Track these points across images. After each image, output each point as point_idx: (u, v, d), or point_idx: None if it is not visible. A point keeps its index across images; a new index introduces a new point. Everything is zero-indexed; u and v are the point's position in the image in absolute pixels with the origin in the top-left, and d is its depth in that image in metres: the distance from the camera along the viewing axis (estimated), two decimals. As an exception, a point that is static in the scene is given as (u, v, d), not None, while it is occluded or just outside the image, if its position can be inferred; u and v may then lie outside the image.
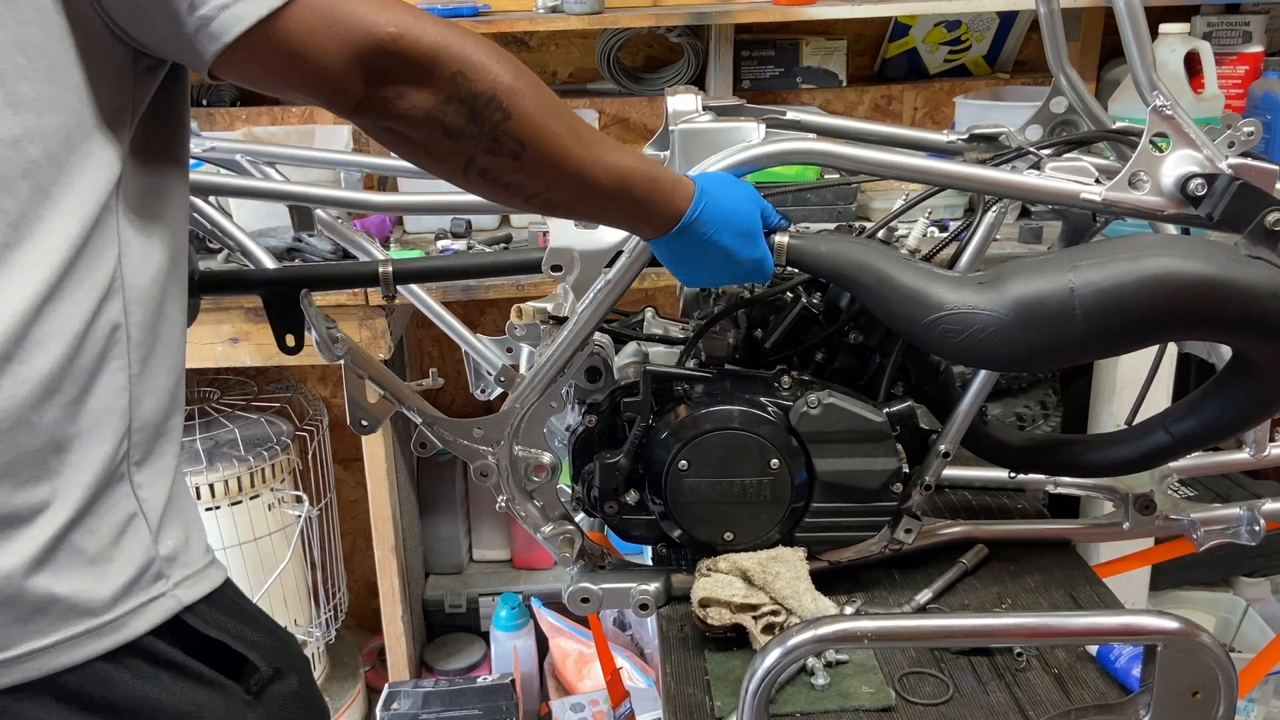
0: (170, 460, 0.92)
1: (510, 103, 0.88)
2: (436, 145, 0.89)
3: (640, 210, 1.03)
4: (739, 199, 1.09)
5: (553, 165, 0.93)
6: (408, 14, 0.84)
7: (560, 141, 0.93)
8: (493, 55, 0.87)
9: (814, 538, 1.27)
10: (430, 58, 0.84)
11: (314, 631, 2.42)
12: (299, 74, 0.83)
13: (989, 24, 2.66)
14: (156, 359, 0.89)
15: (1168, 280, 1.03)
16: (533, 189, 0.96)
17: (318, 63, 0.82)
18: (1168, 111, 1.09)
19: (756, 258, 1.11)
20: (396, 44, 0.82)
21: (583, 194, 0.98)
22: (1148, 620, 0.97)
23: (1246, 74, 2.41)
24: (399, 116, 0.86)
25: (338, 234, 1.54)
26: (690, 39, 2.54)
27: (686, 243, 1.06)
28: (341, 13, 0.81)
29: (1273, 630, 2.40)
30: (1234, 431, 1.26)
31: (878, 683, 1.14)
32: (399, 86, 0.85)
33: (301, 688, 0.98)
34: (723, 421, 1.22)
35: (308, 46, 0.81)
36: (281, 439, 2.30)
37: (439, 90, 0.85)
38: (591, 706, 2.31)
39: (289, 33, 0.80)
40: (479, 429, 1.25)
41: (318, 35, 0.81)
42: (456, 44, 0.85)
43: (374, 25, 0.82)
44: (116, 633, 0.84)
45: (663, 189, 1.03)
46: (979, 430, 1.33)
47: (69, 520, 0.82)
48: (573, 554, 1.29)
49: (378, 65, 0.83)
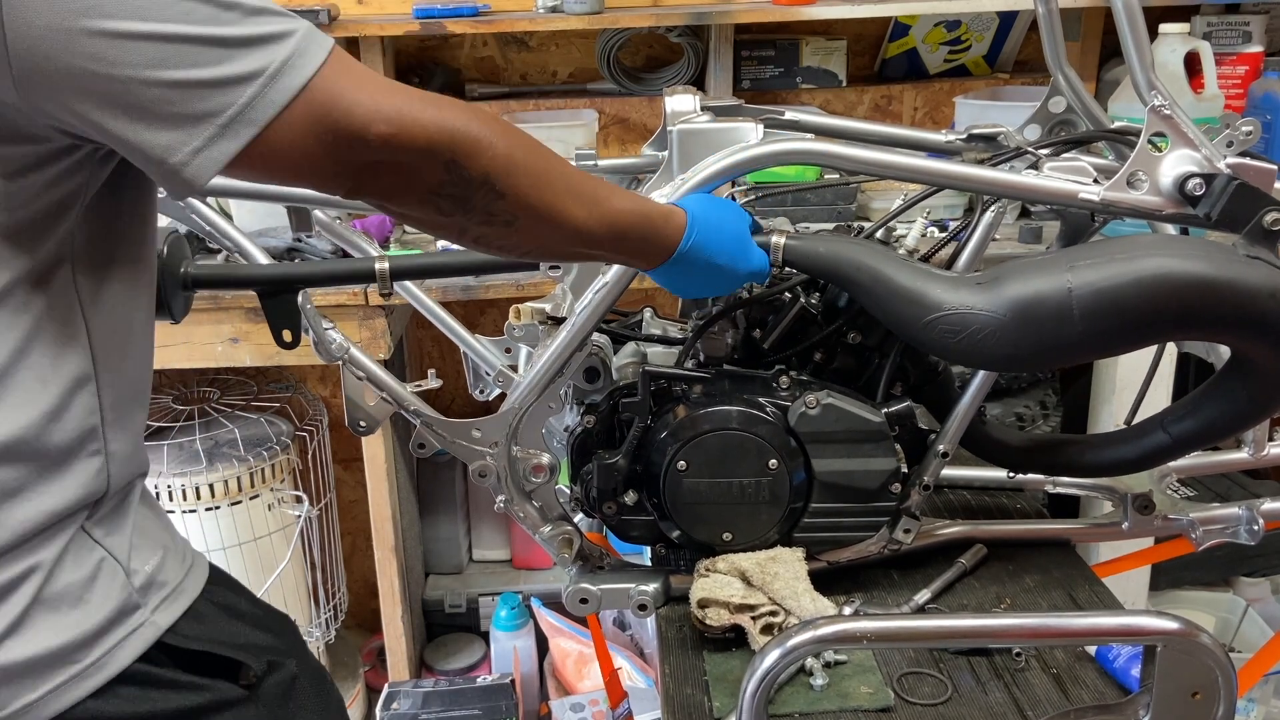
0: (135, 494, 0.92)
1: (504, 183, 0.87)
2: (432, 222, 0.89)
3: (636, 250, 1.04)
4: (726, 217, 1.10)
5: (547, 227, 0.93)
6: (398, 105, 0.80)
7: (554, 205, 0.92)
8: (485, 132, 0.85)
9: (812, 538, 1.27)
10: (425, 150, 0.82)
11: (314, 631, 2.42)
12: (288, 177, 0.82)
13: (989, 24, 2.65)
14: (126, 428, 0.89)
15: (1166, 280, 1.03)
16: (528, 247, 0.97)
17: (307, 168, 0.80)
18: (1166, 111, 1.09)
19: (751, 268, 1.12)
20: (389, 143, 0.80)
21: (579, 247, 0.99)
22: (1147, 621, 0.97)
23: (1246, 74, 2.41)
24: (394, 201, 0.86)
25: (336, 235, 1.54)
26: (690, 39, 2.53)
27: (683, 268, 1.08)
28: (329, 118, 0.78)
29: (1273, 630, 2.40)
30: (1233, 431, 1.26)
31: (876, 683, 1.14)
32: (392, 179, 0.83)
33: (301, 670, 0.99)
34: (721, 422, 1.22)
35: (294, 157, 0.79)
36: (281, 439, 2.30)
37: (433, 178, 0.84)
38: (591, 706, 2.31)
39: (271, 150, 0.78)
40: (477, 430, 1.25)
41: (304, 144, 0.78)
42: (449, 130, 0.83)
43: (365, 127, 0.79)
44: (100, 672, 0.85)
45: (656, 226, 1.04)
46: (978, 430, 1.33)
47: (39, 587, 0.83)
48: (571, 554, 1.29)
49: (371, 162, 0.81)
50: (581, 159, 1.39)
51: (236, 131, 0.76)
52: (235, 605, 0.99)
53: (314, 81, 0.77)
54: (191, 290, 1.22)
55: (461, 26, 2.33)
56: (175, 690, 0.89)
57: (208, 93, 0.75)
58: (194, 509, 2.19)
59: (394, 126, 0.79)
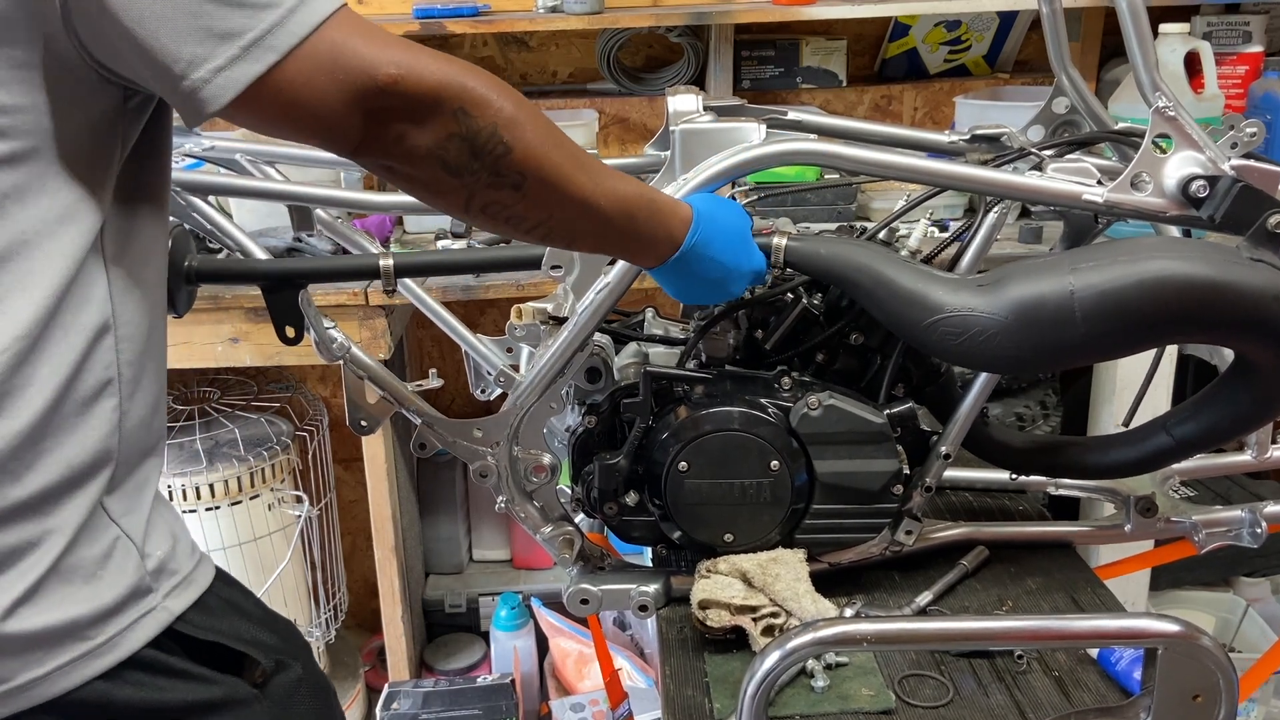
0: (152, 478, 0.92)
1: (511, 135, 0.87)
2: (438, 182, 0.88)
3: (644, 235, 1.03)
4: (730, 215, 1.10)
5: (555, 194, 0.93)
6: (408, 52, 0.82)
7: (562, 170, 0.92)
8: (493, 88, 0.86)
9: (814, 539, 1.27)
10: (432, 96, 0.83)
11: (314, 631, 2.42)
12: (298, 122, 0.82)
13: (989, 24, 2.65)
14: (142, 393, 0.89)
15: (1168, 283, 1.03)
16: (535, 219, 0.95)
17: (318, 110, 0.80)
18: (1170, 113, 1.08)
19: (754, 267, 1.12)
20: (398, 85, 0.81)
21: (585, 221, 0.98)
22: (1149, 623, 0.97)
23: (1246, 74, 2.41)
24: (400, 156, 0.85)
25: (337, 234, 1.53)
26: (690, 39, 2.53)
27: (688, 265, 1.07)
28: (341, 57, 0.80)
29: (1273, 630, 2.40)
30: (1236, 434, 1.26)
31: (878, 685, 1.14)
32: (401, 126, 0.83)
33: (306, 674, 0.99)
34: (723, 423, 1.22)
35: (306, 96, 0.80)
36: (281, 439, 2.29)
37: (441, 128, 0.84)
38: (591, 706, 2.31)
39: (288, 84, 0.79)
40: (478, 430, 1.24)
41: (317, 83, 0.79)
42: (458, 80, 0.84)
43: (374, 68, 0.80)
44: (111, 652, 0.85)
45: (664, 213, 1.04)
46: (980, 432, 1.33)
47: (56, 557, 0.82)
48: (572, 555, 1.29)
49: (379, 107, 0.82)
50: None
51: (258, 56, 0.77)
52: (241, 604, 0.99)
53: (331, 20, 0.79)
54: (195, 284, 1.22)
55: (461, 26, 2.33)
56: (185, 681, 0.89)
57: (234, 12, 0.77)
58: (194, 509, 2.19)
59: (402, 69, 0.81)
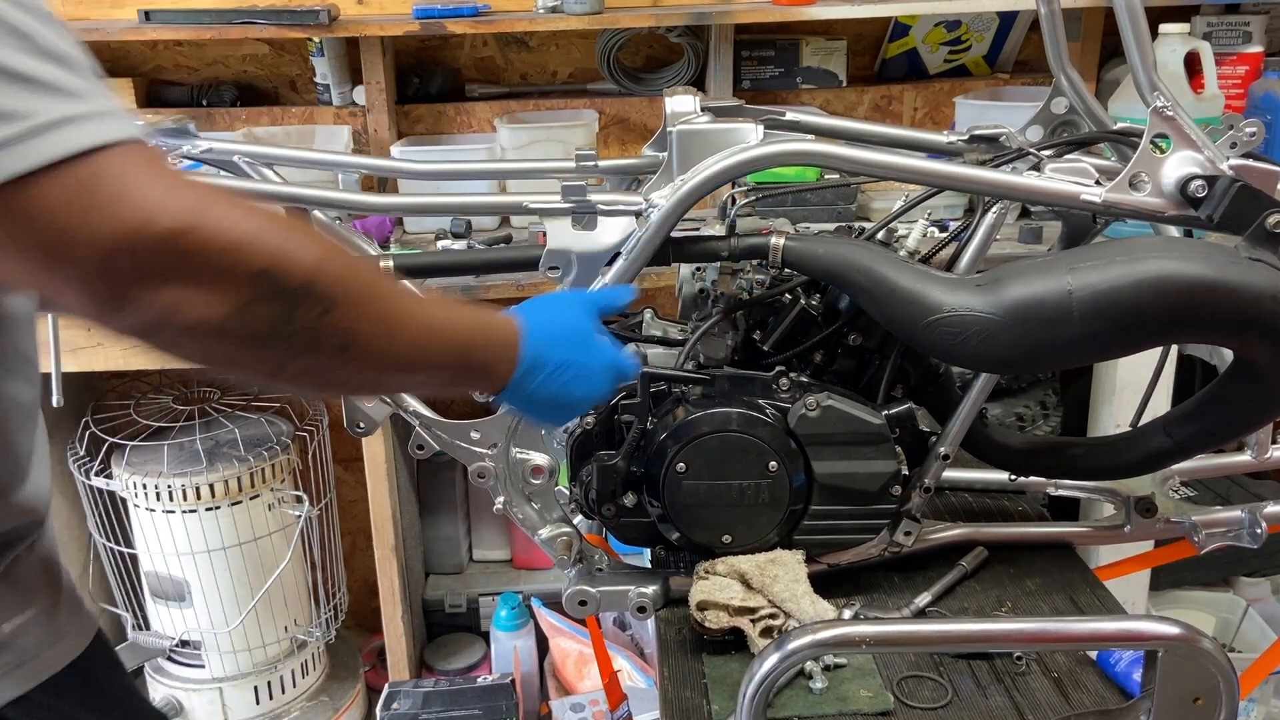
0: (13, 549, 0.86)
1: (331, 291, 0.73)
2: (237, 356, 0.72)
3: (480, 364, 0.91)
4: (564, 308, 1.01)
5: (385, 351, 0.79)
6: (204, 199, 0.67)
7: (390, 323, 0.78)
8: (305, 238, 0.73)
9: (812, 540, 1.26)
10: (230, 254, 0.67)
11: (314, 631, 2.42)
12: (27, 251, 0.64)
13: (989, 24, 2.65)
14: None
15: (1167, 283, 1.03)
16: (359, 382, 0.84)
17: (57, 248, 0.63)
18: (1169, 112, 1.08)
19: (606, 360, 1.01)
20: (180, 240, 0.65)
21: (419, 374, 0.86)
22: (1149, 626, 0.97)
23: (1246, 74, 2.40)
24: (183, 330, 0.68)
25: (335, 236, 1.53)
26: (690, 39, 2.53)
27: (533, 379, 0.94)
28: (110, 191, 0.64)
29: (1273, 630, 2.40)
30: (1236, 435, 1.25)
31: (876, 686, 1.14)
32: (176, 293, 0.66)
33: None
34: (721, 424, 1.22)
35: (45, 224, 0.63)
36: (281, 439, 2.30)
37: (239, 293, 0.68)
38: (591, 706, 2.31)
39: (27, 199, 0.63)
40: (476, 431, 1.24)
41: (64, 214, 0.63)
42: (264, 234, 0.69)
43: (153, 214, 0.64)
44: None
45: (498, 333, 0.93)
46: (979, 432, 1.32)
47: None
48: (570, 556, 1.29)
49: (150, 264, 0.65)
50: (581, 159, 1.38)
51: None
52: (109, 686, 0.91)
53: (111, 150, 0.65)
54: None
55: (461, 27, 2.33)
56: None
57: None
58: (194, 509, 2.20)
59: (185, 223, 0.65)
